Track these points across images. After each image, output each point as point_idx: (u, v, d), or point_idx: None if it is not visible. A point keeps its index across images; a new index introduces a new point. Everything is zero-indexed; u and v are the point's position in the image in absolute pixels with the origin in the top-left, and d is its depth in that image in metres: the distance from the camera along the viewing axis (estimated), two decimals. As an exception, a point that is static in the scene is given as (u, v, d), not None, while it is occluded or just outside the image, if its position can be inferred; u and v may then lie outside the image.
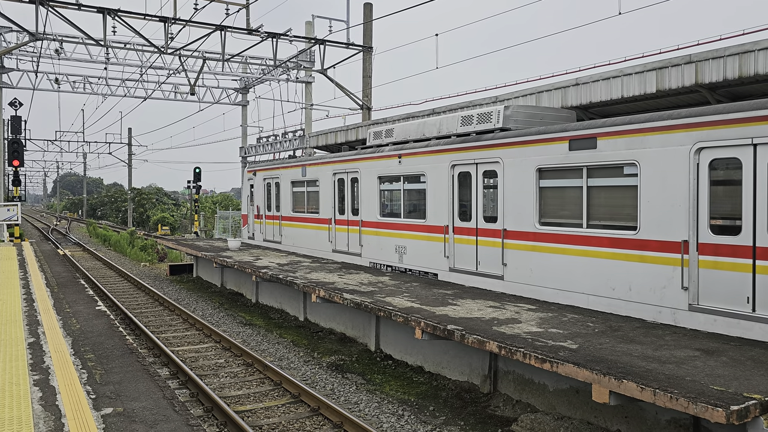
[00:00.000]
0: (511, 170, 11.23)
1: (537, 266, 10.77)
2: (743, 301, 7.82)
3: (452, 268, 12.80)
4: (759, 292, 7.64)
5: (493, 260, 11.74)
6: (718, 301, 8.11)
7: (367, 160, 15.53)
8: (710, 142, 8.10)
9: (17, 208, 24.63)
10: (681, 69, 10.43)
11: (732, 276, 7.94)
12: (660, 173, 8.74)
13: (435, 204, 13.16)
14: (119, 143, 59.15)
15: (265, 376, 10.87)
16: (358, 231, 16.11)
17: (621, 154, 9.26)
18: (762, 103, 7.62)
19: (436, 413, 9.13)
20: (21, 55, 31.97)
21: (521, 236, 11.06)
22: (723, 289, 8.04)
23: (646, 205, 8.95)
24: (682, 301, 8.49)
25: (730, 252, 7.95)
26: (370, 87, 25.05)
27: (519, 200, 11.08)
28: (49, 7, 21.31)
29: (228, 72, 32.81)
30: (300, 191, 19.28)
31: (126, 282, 23.60)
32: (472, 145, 12.12)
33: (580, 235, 9.97)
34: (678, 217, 8.52)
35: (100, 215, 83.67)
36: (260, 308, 17.69)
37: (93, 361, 8.65)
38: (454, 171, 12.62)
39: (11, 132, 27.95)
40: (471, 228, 12.27)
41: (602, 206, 9.78)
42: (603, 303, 9.63)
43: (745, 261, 7.80)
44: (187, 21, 22.95)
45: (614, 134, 9.36)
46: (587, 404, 8.08)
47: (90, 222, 64.78)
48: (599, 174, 9.74)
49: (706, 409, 5.47)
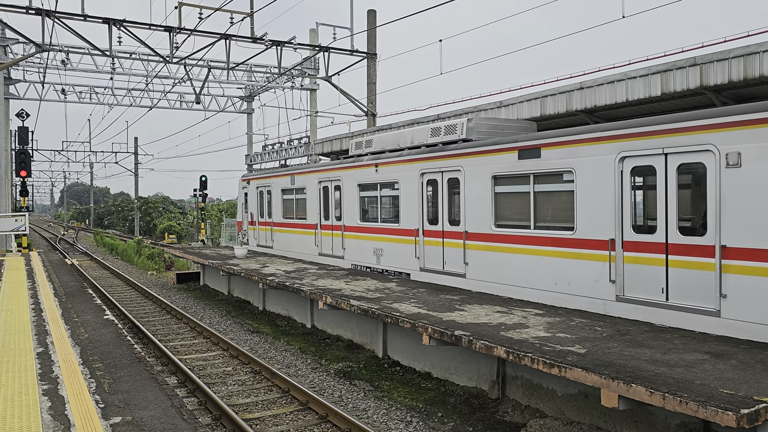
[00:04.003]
0: (471, 177, 12.28)
1: (494, 265, 11.78)
2: (659, 291, 8.87)
3: (422, 268, 13.82)
4: (671, 283, 8.70)
5: (456, 260, 12.76)
6: (640, 292, 9.15)
7: (348, 169, 16.61)
8: (631, 151, 9.16)
9: (25, 218, 24.74)
10: (686, 71, 10.41)
11: (650, 270, 8.98)
12: (591, 179, 9.80)
13: (407, 209, 14.22)
14: (125, 152, 59.35)
15: (272, 384, 10.87)
16: (341, 235, 17.12)
17: (560, 163, 10.34)
18: (670, 117, 8.71)
19: (445, 419, 9.10)
20: (28, 66, 32.23)
21: (480, 237, 12.10)
22: (643, 281, 9.09)
23: (581, 208, 9.99)
24: (611, 292, 9.52)
25: (648, 249, 9.01)
26: (374, 93, 25.11)
27: (478, 204, 12.11)
28: (56, 19, 21.48)
29: (233, 80, 32.97)
30: (289, 198, 20.36)
31: (133, 291, 23.66)
32: (438, 155, 13.16)
33: (528, 235, 11.00)
34: (606, 218, 9.56)
35: (107, 224, 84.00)
36: (267, 316, 17.70)
37: (101, 371, 8.67)
38: (423, 179, 13.69)
39: (19, 143, 28.12)
40: (438, 231, 13.30)
41: (546, 209, 10.86)
42: (549, 297, 10.60)
43: (659, 256, 8.85)
44: (192, 30, 23.09)
45: (554, 145, 10.42)
46: (596, 409, 8.05)
47: (97, 231, 65.05)
48: (543, 180, 10.82)
49: (716, 413, 5.44)
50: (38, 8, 21.24)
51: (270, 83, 33.01)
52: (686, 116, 8.51)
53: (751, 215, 7.76)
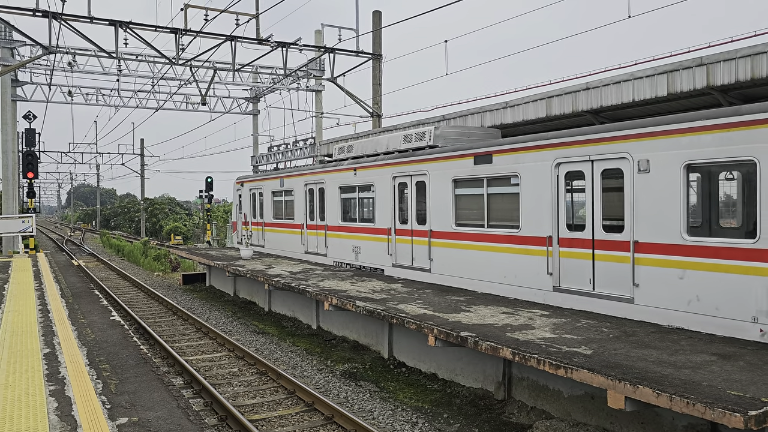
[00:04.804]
0: (435, 181, 13.48)
1: (454, 260, 12.97)
2: (587, 282, 9.99)
3: (395, 264, 15.05)
4: (597, 275, 9.80)
5: (423, 256, 14.00)
6: (572, 283, 10.27)
7: (330, 173, 17.88)
8: (565, 158, 10.30)
9: (32, 219, 24.83)
10: (692, 72, 10.37)
11: (580, 263, 10.11)
12: (533, 182, 10.95)
13: (381, 210, 15.46)
14: (132, 154, 59.47)
15: (278, 385, 10.87)
16: (324, 234, 18.39)
17: (508, 168, 11.53)
18: (596, 128, 9.86)
19: (451, 420, 9.08)
20: (35, 68, 32.40)
21: (443, 235, 13.32)
22: (574, 273, 10.21)
23: (525, 208, 11.15)
24: (549, 284, 10.67)
25: (578, 245, 10.14)
26: (379, 94, 25.11)
27: (441, 205, 13.33)
28: (62, 21, 21.57)
29: (239, 82, 33.02)
30: (279, 200, 21.69)
31: (139, 292, 23.73)
32: (408, 160, 14.41)
33: (483, 233, 12.20)
34: (545, 217, 10.71)
35: (114, 226, 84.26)
36: (273, 317, 17.72)
37: (108, 371, 8.70)
38: (396, 182, 14.92)
39: (26, 144, 28.26)
40: (408, 230, 14.54)
41: (498, 209, 12.04)
42: (501, 289, 11.73)
43: (588, 251, 9.96)
44: (197, 32, 23.14)
45: (504, 152, 11.63)
46: (603, 410, 8.02)
47: (104, 232, 65.27)
48: (495, 183, 12.02)
49: (724, 415, 5.41)
50: (45, 10, 21.32)
51: (275, 84, 33.06)
52: (608, 128, 9.60)
53: (657, 214, 8.85)
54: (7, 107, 30.91)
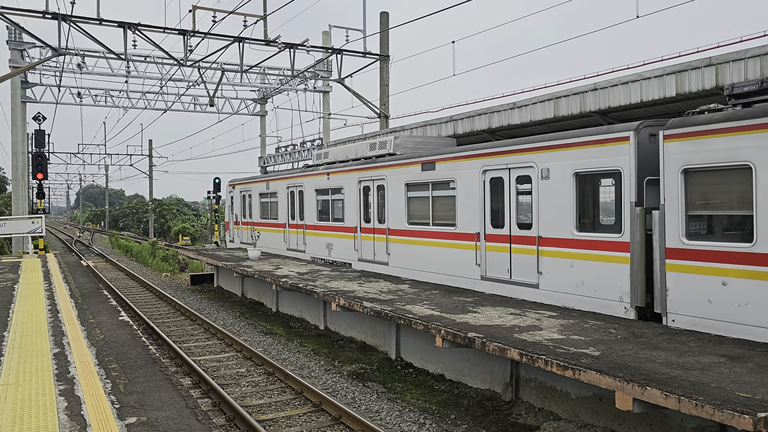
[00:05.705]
0: (392, 185, 15.25)
1: (407, 254, 14.78)
2: (506, 271, 11.75)
3: (360, 258, 16.85)
4: (513, 265, 11.57)
5: (382, 251, 15.80)
6: (495, 272, 12.03)
7: (309, 177, 19.65)
8: (490, 166, 12.06)
9: (41, 220, 24.96)
10: (701, 72, 10.33)
11: (501, 256, 11.88)
12: (466, 186, 12.68)
13: (350, 211, 17.20)
14: (140, 155, 59.73)
15: (286, 385, 10.90)
16: (303, 233, 20.23)
17: (447, 174, 13.28)
18: (512, 141, 11.62)
19: (458, 421, 9.08)
20: (44, 69, 32.63)
21: (398, 233, 15.12)
22: (497, 264, 11.99)
23: (459, 208, 12.91)
24: (477, 273, 12.45)
25: (499, 239, 11.89)
26: (387, 95, 25.13)
27: (397, 206, 15.12)
28: (72, 23, 21.71)
29: (246, 83, 33.15)
30: (265, 201, 23.54)
31: (148, 292, 23.84)
32: (371, 166, 16.12)
33: (429, 230, 13.97)
34: (475, 216, 12.48)
35: (122, 226, 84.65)
36: (281, 317, 17.76)
37: (117, 371, 8.75)
38: (361, 185, 16.64)
39: (35, 146, 28.40)
40: (371, 228, 16.31)
41: (440, 210, 13.70)
42: (443, 279, 13.47)
43: (506, 245, 11.74)
44: (205, 33, 23.23)
45: (444, 160, 13.38)
46: (611, 412, 7.99)
47: (112, 233, 65.59)
48: (438, 187, 13.73)
49: (733, 417, 5.38)
50: (55, 13, 21.47)
51: (283, 85, 33.14)
52: (520, 141, 11.37)
53: (555, 213, 10.61)
54: (17, 109, 31.13)
